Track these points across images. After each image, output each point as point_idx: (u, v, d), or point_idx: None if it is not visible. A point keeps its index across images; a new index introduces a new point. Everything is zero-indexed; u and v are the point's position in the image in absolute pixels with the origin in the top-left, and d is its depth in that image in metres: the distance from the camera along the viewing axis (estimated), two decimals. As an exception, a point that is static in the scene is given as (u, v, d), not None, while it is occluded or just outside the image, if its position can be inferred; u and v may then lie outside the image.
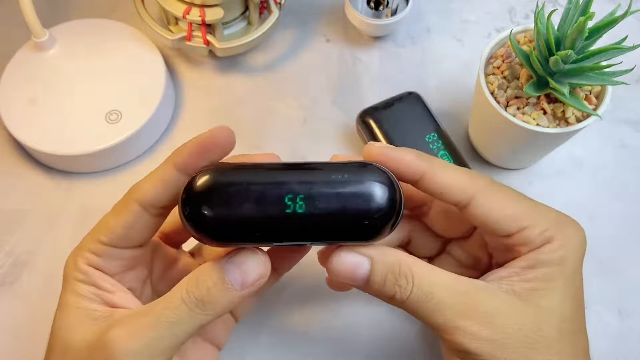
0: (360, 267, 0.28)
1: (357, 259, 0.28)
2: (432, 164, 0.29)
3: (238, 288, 0.27)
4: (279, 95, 0.50)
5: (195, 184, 0.26)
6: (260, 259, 0.27)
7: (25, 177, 0.46)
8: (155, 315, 0.27)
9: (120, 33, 0.49)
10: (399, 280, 0.28)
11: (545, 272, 0.29)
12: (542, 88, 0.38)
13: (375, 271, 0.28)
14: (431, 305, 0.27)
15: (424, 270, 0.28)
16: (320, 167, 0.27)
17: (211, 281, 0.27)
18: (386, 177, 0.26)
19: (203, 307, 0.27)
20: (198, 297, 0.27)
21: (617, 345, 0.41)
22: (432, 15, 0.54)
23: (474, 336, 0.27)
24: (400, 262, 0.28)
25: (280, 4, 0.49)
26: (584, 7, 0.36)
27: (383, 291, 0.28)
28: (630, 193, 0.46)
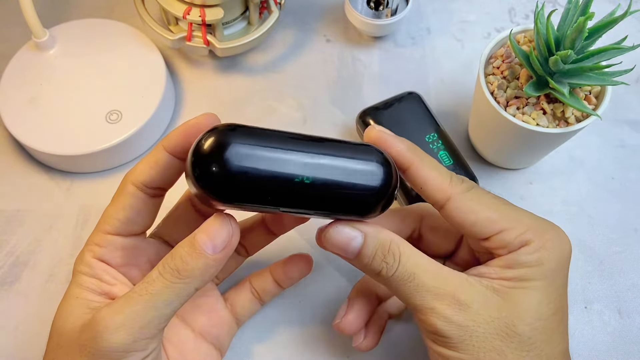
0: (354, 240, 0.30)
1: (352, 232, 0.30)
2: (421, 158, 0.31)
3: (210, 252, 0.28)
4: (279, 95, 0.50)
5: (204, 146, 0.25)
6: (227, 222, 0.28)
7: (25, 177, 0.46)
8: (137, 289, 0.28)
9: (120, 33, 0.49)
10: (387, 257, 0.29)
11: (523, 273, 0.30)
12: (541, 88, 0.38)
13: (367, 245, 0.30)
14: (412, 285, 0.29)
15: (411, 251, 0.30)
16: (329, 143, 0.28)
17: (183, 250, 0.28)
18: (385, 160, 0.29)
19: (179, 275, 0.28)
20: (173, 266, 0.28)
21: (617, 345, 0.41)
22: (432, 15, 0.54)
23: (447, 319, 0.29)
24: (392, 240, 0.30)
25: (280, 4, 0.49)
26: (583, 7, 0.36)
27: (371, 266, 0.30)
28: (630, 193, 0.46)
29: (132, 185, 0.31)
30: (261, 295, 0.39)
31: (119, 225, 0.31)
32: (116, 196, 0.31)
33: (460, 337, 0.29)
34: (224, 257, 0.28)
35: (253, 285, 0.39)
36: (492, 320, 0.29)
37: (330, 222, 0.30)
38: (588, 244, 0.44)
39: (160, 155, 0.30)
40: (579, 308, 0.42)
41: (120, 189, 0.31)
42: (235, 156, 0.25)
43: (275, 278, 0.38)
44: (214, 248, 0.28)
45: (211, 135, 0.26)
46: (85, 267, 0.31)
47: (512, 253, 0.30)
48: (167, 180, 0.31)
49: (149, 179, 0.30)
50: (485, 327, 0.29)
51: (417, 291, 0.29)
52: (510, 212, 0.31)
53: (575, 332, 0.41)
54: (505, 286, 0.30)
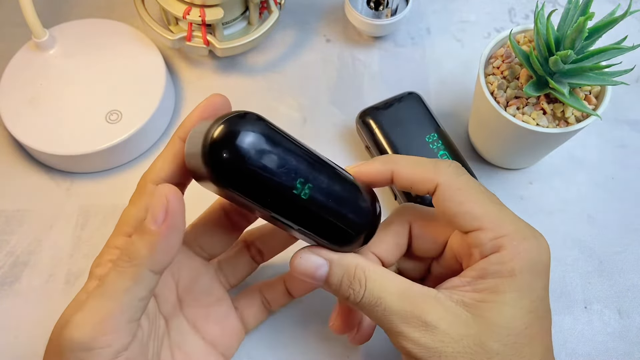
0: (320, 268, 0.30)
1: (318, 260, 0.30)
2: (397, 163, 0.31)
3: (153, 227, 0.27)
4: (279, 95, 0.50)
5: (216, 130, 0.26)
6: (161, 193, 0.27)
7: (25, 177, 0.46)
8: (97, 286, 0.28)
9: (120, 33, 0.49)
10: (352, 284, 0.30)
11: (494, 284, 0.29)
12: (541, 88, 0.38)
13: (332, 274, 0.30)
14: (380, 310, 0.29)
15: (377, 276, 0.30)
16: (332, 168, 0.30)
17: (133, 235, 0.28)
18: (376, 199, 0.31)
19: (128, 259, 0.27)
20: (123, 252, 0.27)
21: (617, 345, 0.41)
22: (432, 15, 0.54)
23: (414, 342, 0.28)
24: (357, 266, 0.30)
25: (280, 4, 0.49)
26: (583, 7, 0.36)
27: (339, 292, 0.30)
28: (630, 193, 0.46)
29: (151, 185, 0.30)
30: (272, 305, 0.38)
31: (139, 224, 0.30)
32: (135, 197, 0.31)
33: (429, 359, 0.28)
34: (170, 231, 0.27)
35: (264, 294, 0.38)
36: (460, 338, 0.28)
37: (297, 251, 0.30)
38: (588, 244, 0.44)
39: (177, 147, 0.30)
40: (579, 308, 0.42)
41: (139, 190, 0.30)
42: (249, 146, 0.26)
43: (288, 288, 0.38)
44: (154, 221, 0.27)
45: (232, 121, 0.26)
46: (102, 270, 0.30)
47: (483, 261, 0.30)
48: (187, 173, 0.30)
49: (169, 174, 0.30)
50: (454, 346, 0.28)
51: (385, 315, 0.29)
52: (494, 211, 0.30)
53: (575, 332, 0.41)
54: (476, 300, 0.29)
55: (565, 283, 0.43)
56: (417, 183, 0.31)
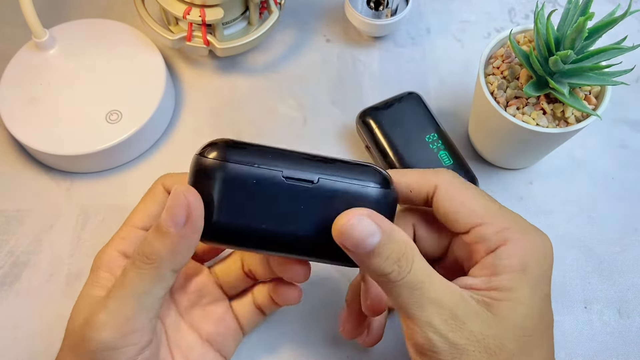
0: (372, 236, 0.27)
1: (371, 227, 0.28)
2: (393, 172, 0.32)
3: (172, 229, 0.27)
4: (279, 95, 0.50)
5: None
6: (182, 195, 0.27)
7: (25, 177, 0.46)
8: (116, 284, 0.29)
9: (120, 33, 0.49)
10: (401, 260, 0.28)
11: (507, 280, 0.29)
12: (541, 88, 0.38)
13: (383, 245, 0.28)
14: (417, 294, 0.28)
15: (422, 260, 0.29)
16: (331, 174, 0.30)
17: (149, 233, 0.28)
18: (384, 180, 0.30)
19: (147, 259, 0.28)
20: (141, 252, 0.28)
21: (617, 345, 0.41)
22: (432, 15, 0.54)
23: (442, 336, 0.28)
24: (407, 244, 0.28)
25: (280, 4, 0.49)
26: (583, 7, 0.36)
27: (382, 266, 0.28)
28: (630, 193, 0.46)
29: (162, 186, 0.32)
30: (263, 309, 0.38)
31: (148, 219, 0.32)
32: (146, 196, 0.33)
33: (451, 355, 0.28)
34: (190, 233, 0.28)
35: (255, 298, 0.38)
36: (483, 338, 0.28)
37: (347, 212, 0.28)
38: (588, 244, 0.44)
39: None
40: (579, 308, 0.42)
41: (150, 190, 0.33)
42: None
43: (273, 297, 0.37)
44: (175, 224, 0.27)
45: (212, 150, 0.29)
46: (106, 260, 0.31)
47: (491, 255, 0.29)
48: None
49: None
50: (476, 345, 0.28)
51: (420, 302, 0.28)
52: (493, 207, 0.31)
53: (575, 332, 0.41)
54: (493, 298, 0.29)
55: (565, 283, 0.43)
56: (416, 186, 0.31)
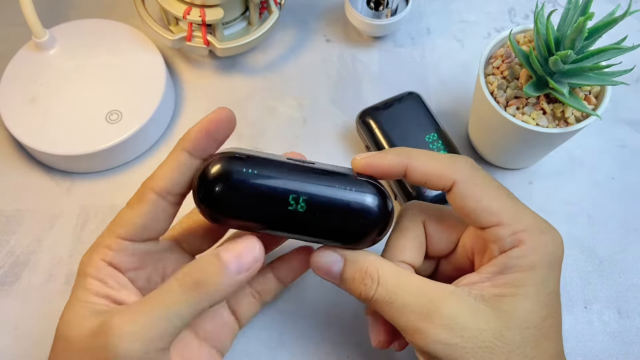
0: (335, 264, 0.31)
1: (333, 257, 0.31)
2: (411, 156, 0.31)
3: (234, 272, 0.28)
4: (279, 95, 0.50)
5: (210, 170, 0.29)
6: (255, 243, 0.28)
7: (25, 177, 0.46)
8: (153, 299, 0.28)
9: (120, 33, 0.49)
10: (365, 279, 0.30)
11: (514, 278, 0.29)
12: (541, 88, 0.38)
13: (346, 269, 0.31)
14: (395, 307, 0.29)
15: (391, 273, 0.30)
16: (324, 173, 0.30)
17: (207, 263, 0.28)
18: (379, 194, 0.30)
19: (198, 289, 0.27)
20: (194, 279, 0.27)
21: (617, 345, 0.41)
22: (432, 15, 0.54)
23: (432, 339, 0.28)
24: (370, 263, 0.30)
25: (280, 4, 0.49)
26: (583, 7, 0.36)
27: (352, 288, 0.31)
28: (630, 193, 0.46)
29: (152, 193, 0.30)
30: (262, 296, 0.38)
31: (135, 231, 0.30)
32: (134, 201, 0.30)
33: (450, 356, 0.28)
34: (245, 279, 0.28)
35: (253, 287, 0.38)
36: (480, 332, 0.28)
37: (316, 249, 0.31)
38: (588, 244, 0.44)
39: (181, 158, 0.30)
40: (579, 308, 0.42)
41: (139, 195, 0.30)
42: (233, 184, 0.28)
43: (277, 275, 0.38)
44: (239, 269, 0.28)
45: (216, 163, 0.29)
46: (94, 269, 0.30)
47: (503, 256, 0.30)
48: (189, 184, 0.31)
49: (170, 184, 0.30)
50: (473, 340, 0.28)
51: (400, 312, 0.29)
52: (511, 206, 0.31)
53: (575, 332, 0.41)
54: (495, 294, 0.29)
55: (565, 283, 0.43)
56: (433, 179, 0.31)
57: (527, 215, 0.31)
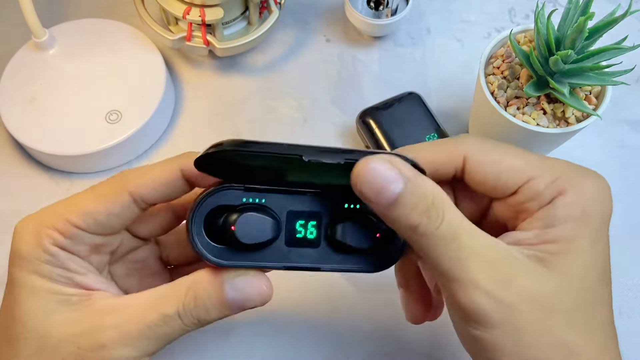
0: (394, 184, 0.24)
1: (392, 174, 0.24)
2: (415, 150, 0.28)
3: (236, 309, 0.27)
4: (279, 95, 0.50)
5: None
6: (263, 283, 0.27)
7: (25, 177, 0.46)
8: (151, 326, 0.27)
9: (120, 33, 0.49)
10: (430, 210, 0.24)
11: (567, 230, 0.26)
12: (542, 88, 0.38)
13: (407, 193, 0.24)
14: (454, 248, 0.25)
15: (456, 211, 0.25)
16: None
17: (211, 302, 0.27)
18: None
19: (198, 323, 0.27)
20: (195, 315, 0.27)
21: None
22: (432, 15, 0.54)
23: (489, 293, 0.24)
24: (436, 192, 0.25)
25: (280, 3, 0.49)
26: (584, 7, 0.36)
27: (408, 217, 0.25)
28: (630, 193, 0.46)
29: (128, 196, 0.28)
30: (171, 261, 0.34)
31: (95, 226, 0.28)
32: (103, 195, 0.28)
33: (501, 317, 0.25)
34: None
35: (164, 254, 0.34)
36: (539, 296, 0.25)
37: (365, 158, 0.24)
38: (588, 244, 0.44)
39: (174, 177, 0.28)
40: (579, 308, 0.42)
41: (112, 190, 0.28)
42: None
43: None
44: (241, 307, 0.27)
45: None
46: (46, 254, 0.27)
47: (547, 207, 0.26)
48: (168, 199, 0.29)
49: (150, 196, 0.28)
50: (530, 304, 0.25)
51: (458, 256, 0.25)
52: (536, 158, 0.27)
53: (576, 332, 0.41)
54: (549, 252, 0.25)
55: (566, 283, 0.43)
56: (441, 164, 0.28)
57: (559, 162, 0.27)
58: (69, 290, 0.27)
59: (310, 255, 0.28)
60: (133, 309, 0.27)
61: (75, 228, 0.27)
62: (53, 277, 0.27)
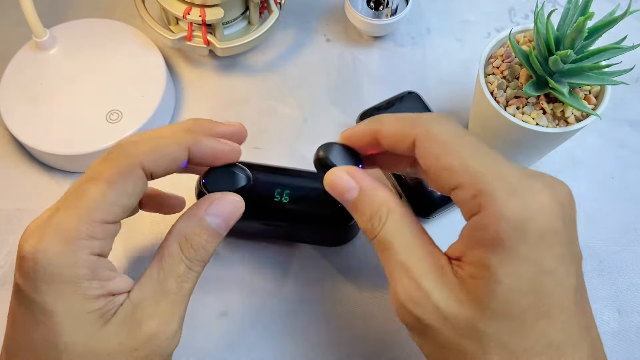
0: (349, 192, 0.29)
1: (349, 183, 0.29)
2: (382, 122, 0.29)
3: (223, 232, 0.30)
4: (279, 95, 0.50)
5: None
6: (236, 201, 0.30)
7: (25, 176, 0.46)
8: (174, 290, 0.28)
9: (121, 33, 0.49)
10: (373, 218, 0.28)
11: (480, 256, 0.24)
12: (541, 88, 0.38)
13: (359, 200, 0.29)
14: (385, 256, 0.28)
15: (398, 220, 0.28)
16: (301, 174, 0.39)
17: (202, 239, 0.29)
18: None
19: (204, 263, 0.30)
20: (200, 258, 0.29)
21: (617, 345, 0.41)
22: (432, 15, 0.54)
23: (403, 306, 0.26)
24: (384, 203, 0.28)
25: (280, 3, 0.50)
26: (583, 7, 0.36)
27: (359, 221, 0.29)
28: (630, 193, 0.46)
29: (140, 169, 0.27)
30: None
31: (121, 212, 0.27)
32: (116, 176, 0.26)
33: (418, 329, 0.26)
34: None
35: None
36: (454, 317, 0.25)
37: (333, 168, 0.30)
38: (587, 244, 0.44)
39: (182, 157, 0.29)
40: (579, 308, 0.42)
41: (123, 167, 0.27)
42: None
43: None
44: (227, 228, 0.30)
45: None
46: (84, 269, 0.25)
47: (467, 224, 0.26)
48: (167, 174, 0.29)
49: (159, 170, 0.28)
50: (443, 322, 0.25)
51: (388, 264, 0.27)
52: (476, 163, 0.25)
53: (575, 331, 0.41)
54: (469, 275, 0.25)
55: (565, 283, 0.43)
56: (398, 141, 0.28)
57: (496, 173, 0.25)
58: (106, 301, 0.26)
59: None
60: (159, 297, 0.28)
61: (106, 224, 0.26)
62: (92, 294, 0.26)
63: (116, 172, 0.27)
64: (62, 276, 0.25)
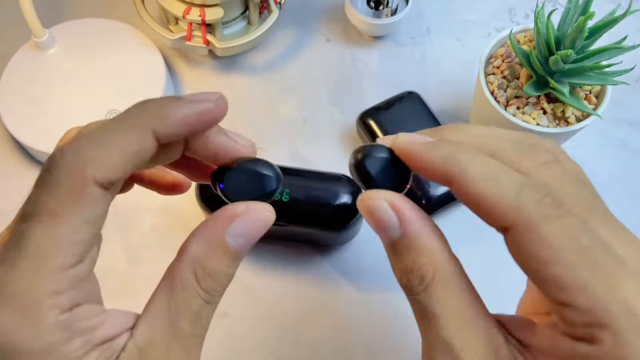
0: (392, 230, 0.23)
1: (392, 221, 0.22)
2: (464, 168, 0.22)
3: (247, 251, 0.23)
4: (279, 95, 0.50)
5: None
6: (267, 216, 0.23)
7: (25, 177, 0.46)
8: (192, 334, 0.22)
9: (120, 33, 0.49)
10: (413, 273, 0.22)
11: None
12: (542, 88, 0.38)
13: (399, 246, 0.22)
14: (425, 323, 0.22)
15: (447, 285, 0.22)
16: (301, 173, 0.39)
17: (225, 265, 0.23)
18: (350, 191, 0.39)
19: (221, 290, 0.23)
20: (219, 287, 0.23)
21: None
22: (432, 15, 0.54)
23: None
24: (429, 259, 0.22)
25: (280, 3, 0.49)
26: (583, 7, 0.36)
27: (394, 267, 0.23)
28: (630, 193, 0.46)
29: (97, 188, 0.20)
30: None
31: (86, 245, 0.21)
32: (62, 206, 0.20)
33: None
34: None
35: None
36: None
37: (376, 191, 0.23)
38: (588, 244, 0.44)
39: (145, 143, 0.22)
40: (579, 308, 0.42)
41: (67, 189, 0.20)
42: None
43: None
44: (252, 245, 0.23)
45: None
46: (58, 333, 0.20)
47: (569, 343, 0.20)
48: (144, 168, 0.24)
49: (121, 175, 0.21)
50: None
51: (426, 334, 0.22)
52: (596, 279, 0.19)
53: (576, 332, 0.41)
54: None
55: (566, 283, 0.42)
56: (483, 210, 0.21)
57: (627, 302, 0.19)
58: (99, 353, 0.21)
59: None
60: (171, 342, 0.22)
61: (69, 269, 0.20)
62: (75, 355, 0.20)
63: (60, 201, 0.20)
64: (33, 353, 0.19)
